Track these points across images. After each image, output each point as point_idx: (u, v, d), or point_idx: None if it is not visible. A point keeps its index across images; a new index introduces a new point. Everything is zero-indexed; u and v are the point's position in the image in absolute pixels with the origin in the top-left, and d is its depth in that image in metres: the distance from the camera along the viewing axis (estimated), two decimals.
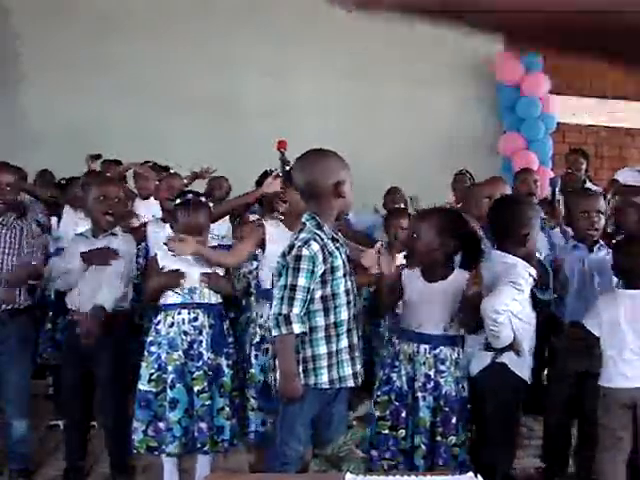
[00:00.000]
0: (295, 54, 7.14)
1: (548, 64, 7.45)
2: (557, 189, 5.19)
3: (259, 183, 4.14)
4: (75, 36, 6.86)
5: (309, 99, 7.11)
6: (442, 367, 2.79)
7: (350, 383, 2.55)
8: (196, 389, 3.02)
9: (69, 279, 3.34)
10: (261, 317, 3.13)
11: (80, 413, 3.41)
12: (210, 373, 3.04)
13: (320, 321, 2.48)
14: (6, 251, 3.26)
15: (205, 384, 3.02)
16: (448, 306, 2.81)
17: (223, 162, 5.55)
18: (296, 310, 2.39)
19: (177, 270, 3.09)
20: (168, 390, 3.01)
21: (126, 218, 4.14)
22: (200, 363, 3.03)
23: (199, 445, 3.02)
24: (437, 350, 2.80)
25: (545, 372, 4.05)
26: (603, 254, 3.37)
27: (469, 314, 2.74)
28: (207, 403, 3.02)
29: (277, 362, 2.50)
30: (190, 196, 3.23)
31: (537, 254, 3.10)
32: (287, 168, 3.37)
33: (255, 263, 3.51)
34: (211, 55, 7.02)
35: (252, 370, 3.11)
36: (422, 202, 4.68)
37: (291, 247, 2.46)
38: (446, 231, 2.81)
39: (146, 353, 3.11)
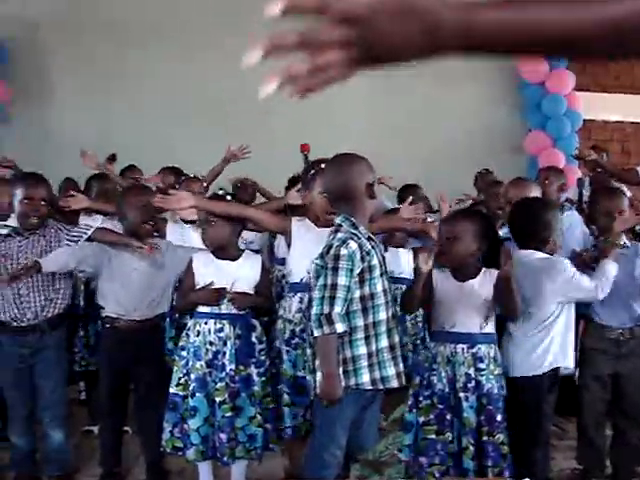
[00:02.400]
0: None
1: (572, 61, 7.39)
2: (584, 190, 5.14)
3: (288, 189, 4.17)
4: (101, 48, 6.96)
5: (330, 100, 7.06)
6: (481, 365, 2.81)
7: (394, 383, 2.57)
8: (218, 400, 3.02)
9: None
10: (289, 312, 3.14)
11: (118, 419, 3.43)
12: (233, 385, 3.03)
13: (359, 321, 2.50)
14: (42, 257, 3.23)
15: (226, 396, 3.02)
16: (481, 304, 2.86)
17: (245, 167, 5.57)
18: (337, 309, 2.41)
19: (223, 289, 3.06)
20: (189, 398, 3.04)
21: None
22: (223, 374, 3.03)
23: (218, 455, 3.03)
24: (475, 349, 2.82)
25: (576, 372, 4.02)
26: (628, 252, 3.35)
27: (509, 296, 2.78)
28: (228, 415, 3.01)
29: (318, 363, 2.51)
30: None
31: None
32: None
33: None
34: (231, 58, 7.00)
35: (284, 365, 3.11)
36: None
37: (329, 247, 2.49)
38: (483, 234, 2.85)
39: (177, 357, 3.14)
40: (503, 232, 3.45)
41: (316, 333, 2.42)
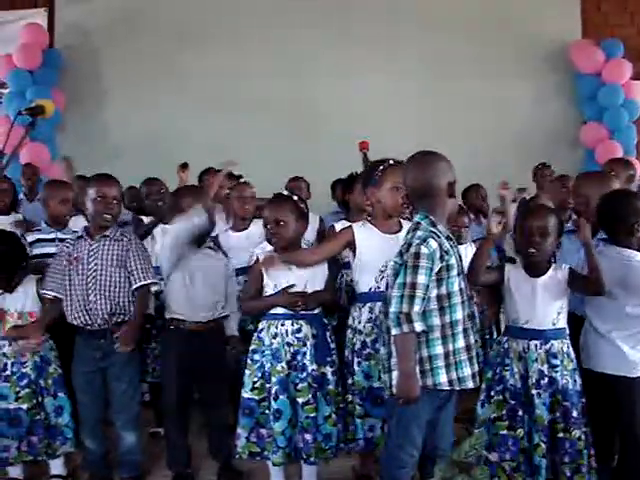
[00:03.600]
0: (366, 55, 7.13)
1: (629, 49, 7.21)
2: None
3: (346, 185, 4.14)
4: (151, 51, 7.09)
5: (383, 98, 7.07)
6: (555, 361, 2.81)
7: (470, 384, 2.54)
8: (301, 401, 3.01)
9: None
10: (359, 322, 3.10)
11: (185, 419, 3.44)
12: (314, 385, 3.02)
13: (436, 320, 2.48)
14: (112, 263, 3.28)
15: (310, 396, 3.01)
16: (554, 299, 2.87)
17: (300, 165, 5.58)
18: (416, 308, 2.39)
19: (304, 293, 3.06)
20: (272, 401, 3.02)
21: None
22: (304, 375, 3.02)
23: (304, 456, 3.02)
24: (548, 345, 2.83)
25: None
26: None
27: (592, 265, 2.81)
28: (312, 415, 3.00)
29: (393, 362, 2.50)
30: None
31: None
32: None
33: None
34: (283, 61, 7.08)
35: (356, 377, 3.07)
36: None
37: (409, 245, 2.47)
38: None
39: (249, 361, 3.13)
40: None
41: (394, 331, 2.39)
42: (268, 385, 3.04)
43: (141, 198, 4.75)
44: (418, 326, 2.38)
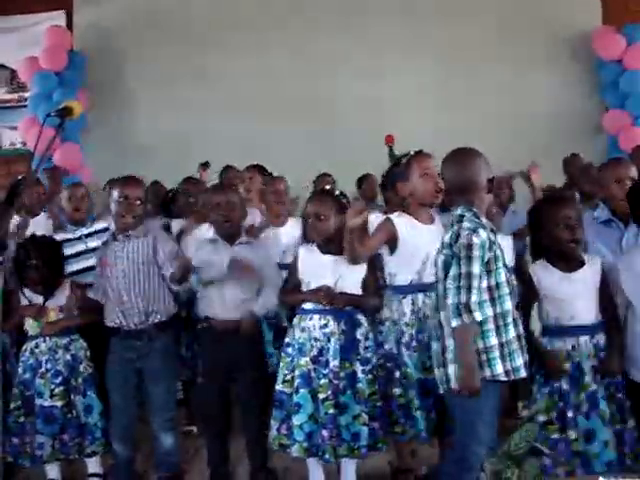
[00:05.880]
0: (388, 49, 7.10)
1: None
2: None
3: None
4: (175, 52, 7.11)
5: (404, 94, 7.03)
6: (602, 354, 2.79)
7: (523, 373, 2.54)
8: (321, 396, 3.01)
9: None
10: (403, 315, 3.09)
11: (222, 421, 3.40)
12: (336, 382, 3.00)
13: (489, 312, 2.47)
14: (140, 261, 3.27)
15: (329, 392, 3.00)
16: (595, 292, 2.86)
17: (324, 163, 5.58)
18: (474, 298, 2.39)
19: (342, 293, 3.06)
20: (294, 394, 3.03)
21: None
22: (326, 370, 3.02)
23: (319, 452, 3.00)
24: (596, 339, 2.81)
25: None
26: None
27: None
28: (331, 411, 2.99)
29: (449, 357, 2.48)
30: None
31: None
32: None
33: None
34: (305, 61, 7.07)
35: (409, 370, 3.07)
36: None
37: (457, 236, 2.47)
38: None
39: (283, 354, 3.16)
40: (597, 214, 3.38)
41: (455, 323, 2.39)
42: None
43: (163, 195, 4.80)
44: (478, 316, 2.39)
